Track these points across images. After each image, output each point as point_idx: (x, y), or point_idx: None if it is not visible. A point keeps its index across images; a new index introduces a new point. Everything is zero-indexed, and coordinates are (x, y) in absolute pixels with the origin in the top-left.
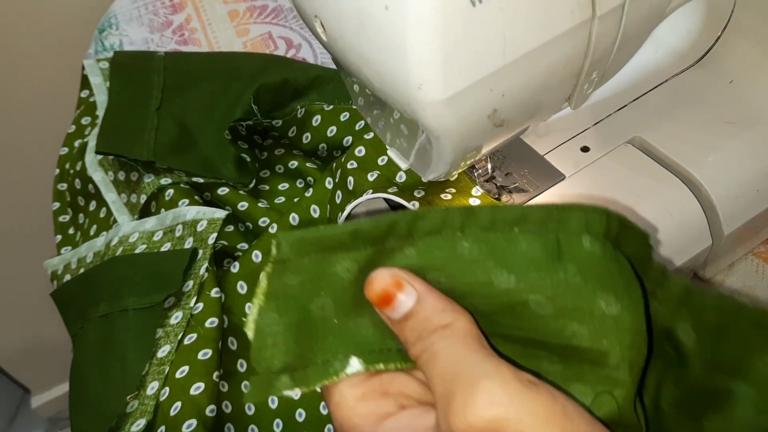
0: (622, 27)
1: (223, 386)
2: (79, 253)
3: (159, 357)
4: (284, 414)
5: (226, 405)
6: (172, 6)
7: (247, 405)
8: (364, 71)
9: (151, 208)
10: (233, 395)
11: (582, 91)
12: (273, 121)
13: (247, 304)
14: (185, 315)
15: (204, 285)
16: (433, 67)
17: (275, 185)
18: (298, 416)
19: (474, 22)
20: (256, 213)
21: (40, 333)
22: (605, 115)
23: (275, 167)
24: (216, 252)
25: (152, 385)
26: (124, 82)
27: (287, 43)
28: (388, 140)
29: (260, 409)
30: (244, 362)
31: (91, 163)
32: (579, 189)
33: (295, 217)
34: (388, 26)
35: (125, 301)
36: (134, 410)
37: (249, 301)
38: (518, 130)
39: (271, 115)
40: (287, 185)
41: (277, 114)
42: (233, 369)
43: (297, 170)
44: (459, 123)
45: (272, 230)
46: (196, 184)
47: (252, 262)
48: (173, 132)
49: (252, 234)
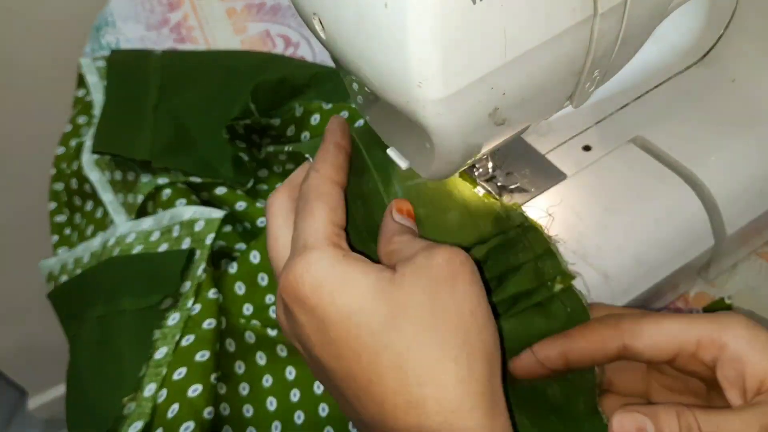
0: (624, 25)
1: (221, 388)
2: (76, 253)
3: (156, 359)
4: (282, 416)
5: (224, 407)
6: (169, 4)
7: (245, 407)
8: (363, 69)
9: (148, 208)
10: (231, 397)
11: (584, 89)
12: (271, 120)
13: (245, 304)
14: (183, 316)
15: (201, 286)
16: (432, 65)
17: (273, 184)
18: (297, 419)
19: (474, 20)
20: (254, 213)
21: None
22: (607, 114)
23: (273, 167)
24: (213, 252)
25: (149, 387)
26: (120, 81)
27: (285, 41)
28: (387, 139)
29: (258, 411)
30: (242, 364)
31: (87, 163)
32: (581, 188)
33: None
34: (388, 24)
35: (122, 302)
36: (131, 412)
37: (247, 302)
38: (519, 128)
39: (269, 114)
40: None
41: (275, 112)
42: (231, 371)
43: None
44: (459, 121)
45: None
46: (193, 184)
47: (250, 262)
48: (170, 131)
49: (250, 234)
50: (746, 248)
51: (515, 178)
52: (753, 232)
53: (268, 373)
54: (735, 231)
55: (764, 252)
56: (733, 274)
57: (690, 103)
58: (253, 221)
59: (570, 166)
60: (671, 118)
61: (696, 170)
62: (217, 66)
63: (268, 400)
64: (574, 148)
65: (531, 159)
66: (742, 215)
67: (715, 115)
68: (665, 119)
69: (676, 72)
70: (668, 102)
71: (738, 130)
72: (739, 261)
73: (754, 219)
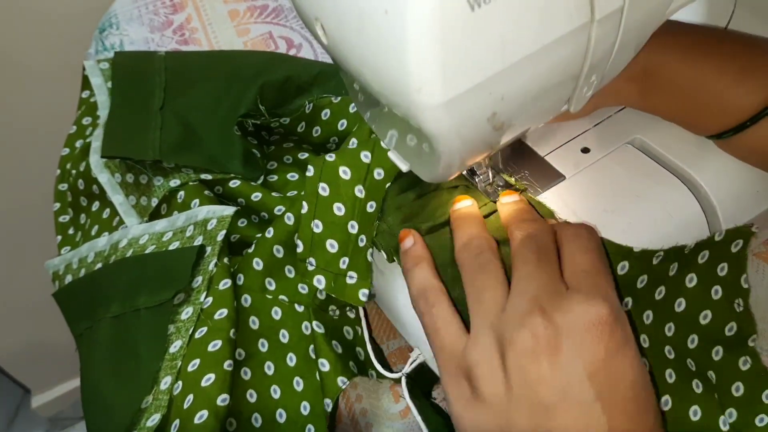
0: (621, 31)
1: (245, 374)
2: (81, 253)
3: (171, 352)
4: (312, 398)
5: (251, 394)
6: (173, 6)
7: (272, 388)
8: (364, 74)
9: (161, 210)
10: (257, 381)
11: (581, 93)
12: (281, 120)
13: (266, 278)
14: (195, 310)
15: (212, 280)
16: (432, 70)
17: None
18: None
19: (473, 26)
20: (270, 202)
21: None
22: (605, 117)
23: (284, 158)
24: (232, 244)
25: (165, 380)
26: (125, 83)
27: (288, 43)
28: (388, 142)
29: (285, 391)
30: (265, 342)
31: (96, 165)
32: (579, 190)
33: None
34: (388, 30)
35: (138, 300)
36: (148, 406)
37: (267, 276)
38: (518, 132)
39: (276, 113)
40: (296, 175)
41: (282, 111)
42: (254, 350)
43: (306, 161)
44: (458, 126)
45: (288, 220)
46: (205, 180)
47: (267, 240)
48: (178, 130)
49: (266, 224)
50: None
51: (515, 180)
52: None
53: (291, 351)
54: None
55: (761, 252)
56: None
57: None
58: (270, 211)
59: (569, 168)
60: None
61: (693, 171)
62: (222, 66)
63: (295, 380)
64: (572, 150)
65: (530, 160)
66: (739, 216)
67: None
68: (663, 121)
69: None
70: None
71: None
72: None
73: (750, 220)
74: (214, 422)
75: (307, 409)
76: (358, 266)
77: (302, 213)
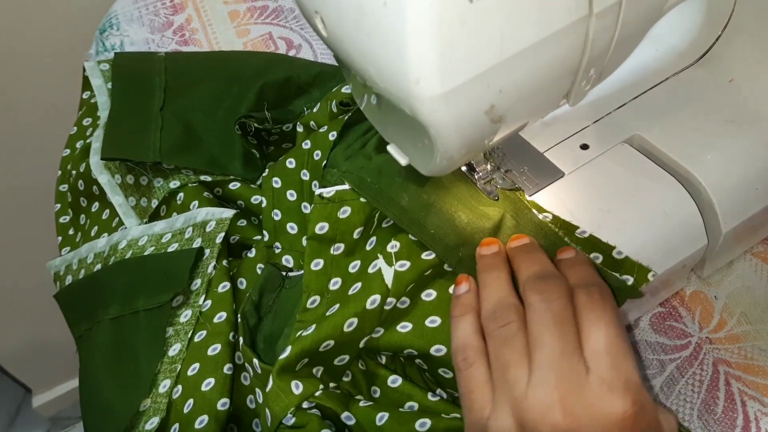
0: (620, 24)
1: (245, 379)
2: (80, 253)
3: (170, 355)
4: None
5: (251, 400)
6: (173, 6)
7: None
8: (363, 67)
9: (160, 211)
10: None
11: (580, 88)
12: (283, 126)
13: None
14: (194, 313)
15: (212, 282)
16: (430, 62)
17: None
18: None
19: (471, 18)
20: None
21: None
22: (605, 113)
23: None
24: (232, 245)
25: (164, 384)
26: (125, 84)
27: (287, 44)
28: (387, 135)
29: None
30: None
31: (96, 166)
32: (577, 186)
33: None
34: (387, 22)
35: (137, 302)
36: (147, 409)
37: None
38: (516, 126)
39: (278, 119)
40: None
41: (282, 113)
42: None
43: None
44: (456, 118)
45: (292, 229)
46: (205, 182)
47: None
48: (178, 131)
49: None
50: (741, 247)
51: (514, 176)
52: (748, 231)
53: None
54: (730, 229)
55: (759, 251)
56: (728, 272)
57: (687, 103)
58: None
59: (568, 165)
60: (668, 118)
61: (692, 169)
62: (222, 67)
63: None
64: (572, 146)
65: (529, 156)
66: (738, 214)
67: (712, 115)
68: (662, 119)
69: (673, 72)
70: (666, 102)
71: (735, 130)
72: (734, 260)
73: (749, 217)
74: (214, 427)
75: None
76: None
77: (262, 207)
